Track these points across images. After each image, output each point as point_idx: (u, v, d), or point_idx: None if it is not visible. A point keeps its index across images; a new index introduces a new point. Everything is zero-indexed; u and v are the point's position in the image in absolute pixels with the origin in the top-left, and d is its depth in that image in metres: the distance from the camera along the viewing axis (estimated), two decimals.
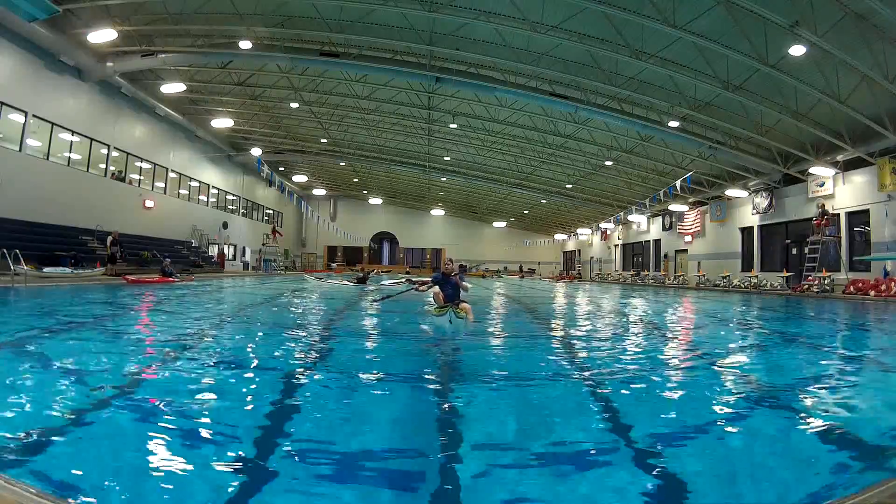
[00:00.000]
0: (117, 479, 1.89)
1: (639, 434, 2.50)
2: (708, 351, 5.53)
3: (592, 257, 41.95)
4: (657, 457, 2.23)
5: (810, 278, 17.51)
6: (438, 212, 46.33)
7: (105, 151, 19.76)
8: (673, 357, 5.15)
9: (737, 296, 17.92)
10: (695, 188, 24.15)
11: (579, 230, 40.04)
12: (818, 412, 3.07)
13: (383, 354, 4.90)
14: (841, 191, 17.69)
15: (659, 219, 30.94)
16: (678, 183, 20.48)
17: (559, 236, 43.90)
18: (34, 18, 13.21)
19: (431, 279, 7.00)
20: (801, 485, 2.02)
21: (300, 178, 38.60)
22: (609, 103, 17.66)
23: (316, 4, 14.41)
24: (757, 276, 21.00)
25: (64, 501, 1.63)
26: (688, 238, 27.61)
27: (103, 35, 14.84)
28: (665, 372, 4.19)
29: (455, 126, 23.58)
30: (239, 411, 2.80)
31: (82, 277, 13.91)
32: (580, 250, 44.78)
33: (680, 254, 28.98)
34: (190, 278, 17.49)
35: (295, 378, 3.58)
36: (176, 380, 3.40)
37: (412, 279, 21.24)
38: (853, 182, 17.18)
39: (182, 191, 26.44)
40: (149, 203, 22.70)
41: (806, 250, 18.34)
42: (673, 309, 11.67)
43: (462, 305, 6.38)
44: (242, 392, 3.23)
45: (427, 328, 6.50)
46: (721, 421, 2.87)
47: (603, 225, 35.91)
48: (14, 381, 3.16)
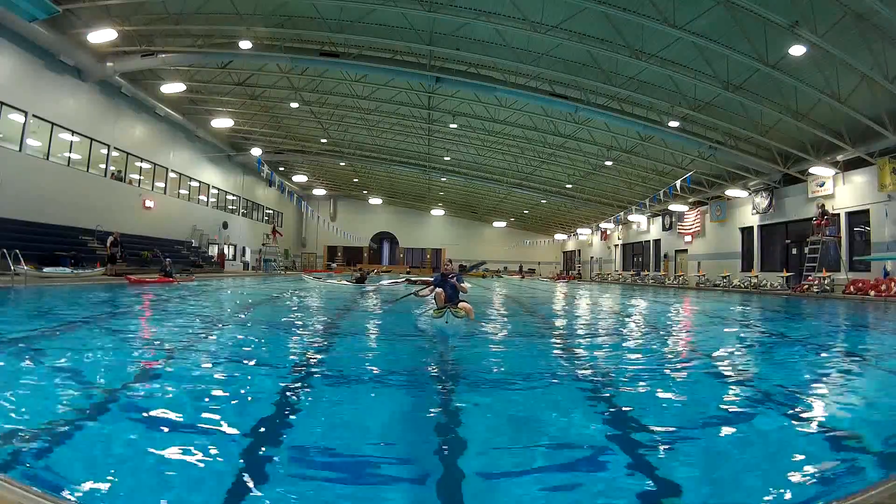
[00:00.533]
0: (117, 479, 1.90)
1: (639, 434, 2.51)
2: (708, 351, 5.52)
3: (592, 257, 41.95)
4: (657, 457, 2.23)
5: (810, 278, 17.51)
6: (438, 212, 46.34)
7: (105, 151, 19.77)
8: (673, 357, 5.15)
9: (737, 296, 17.91)
10: (695, 188, 24.16)
11: (579, 230, 40.03)
12: (818, 412, 3.07)
13: (381, 355, 4.91)
14: (841, 191, 17.69)
15: (659, 219, 30.94)
16: (678, 183, 20.48)
17: (559, 236, 43.88)
18: (34, 18, 13.21)
19: (432, 281, 7.03)
20: (802, 485, 2.02)
21: (300, 178, 38.59)
22: (609, 103, 17.66)
23: (316, 4, 14.41)
24: (757, 277, 20.99)
25: (64, 501, 1.63)
26: (688, 238, 27.60)
27: (103, 35, 14.84)
28: (665, 372, 4.19)
29: (455, 126, 23.59)
30: (238, 411, 2.80)
31: (82, 277, 13.91)
32: (580, 250, 44.78)
33: (680, 254, 28.98)
34: (190, 278, 17.50)
35: (294, 378, 3.58)
36: (176, 380, 3.40)
37: (412, 279, 21.28)
38: (853, 182, 17.18)
39: (182, 191, 26.45)
40: (149, 203, 22.71)
41: (806, 250, 18.33)
42: (673, 309, 11.67)
43: (461, 305, 6.41)
44: (240, 392, 3.23)
45: (426, 328, 6.50)
46: (721, 421, 2.87)
47: (603, 225, 35.91)
48: (21, 380, 3.16)
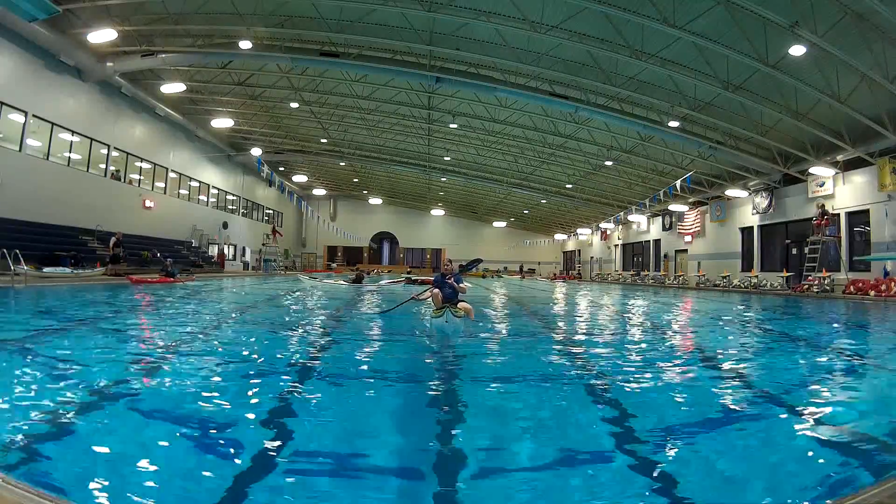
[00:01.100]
0: (117, 479, 1.89)
1: (638, 434, 2.51)
2: (708, 350, 5.52)
3: (592, 257, 41.96)
4: (657, 457, 2.23)
5: (810, 278, 17.51)
6: (438, 212, 46.34)
7: (105, 151, 19.76)
8: (673, 357, 5.15)
9: (737, 296, 17.91)
10: (695, 188, 24.16)
11: (579, 230, 40.03)
12: (818, 411, 3.07)
13: (380, 355, 4.90)
14: (841, 191, 17.69)
15: (659, 219, 30.94)
16: (678, 183, 20.48)
17: (559, 236, 43.89)
18: (34, 18, 13.21)
19: (432, 282, 7.03)
20: (802, 485, 2.02)
21: (300, 178, 38.59)
22: (609, 103, 17.66)
23: (316, 4, 14.41)
24: (757, 276, 21.00)
25: (64, 501, 1.63)
26: (688, 238, 27.60)
27: (103, 35, 14.85)
28: (664, 372, 4.18)
29: (455, 126, 23.59)
30: (236, 412, 2.79)
31: (82, 277, 13.90)
32: (580, 250, 44.79)
33: (680, 254, 28.98)
34: (191, 278, 17.51)
35: (294, 378, 3.58)
36: (177, 380, 3.40)
37: (412, 279, 21.30)
38: (853, 182, 17.18)
39: (182, 191, 26.45)
40: (149, 203, 22.71)
41: (806, 250, 18.33)
42: (673, 309, 11.67)
43: (461, 305, 6.42)
44: (238, 393, 3.23)
45: (425, 329, 6.50)
46: (721, 421, 2.87)
47: (603, 225, 35.91)
48: (23, 378, 3.16)
